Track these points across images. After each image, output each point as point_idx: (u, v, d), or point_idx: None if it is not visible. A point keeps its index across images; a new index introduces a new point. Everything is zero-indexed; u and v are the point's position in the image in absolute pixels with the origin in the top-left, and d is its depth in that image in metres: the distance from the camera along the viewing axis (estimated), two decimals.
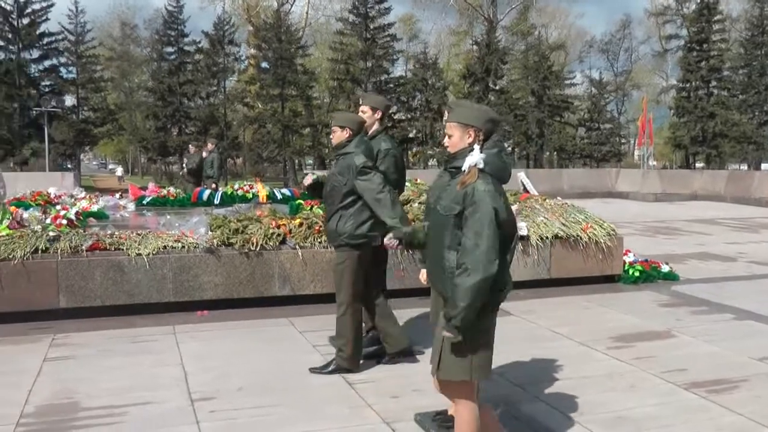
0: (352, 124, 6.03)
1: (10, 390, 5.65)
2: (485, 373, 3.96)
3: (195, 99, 55.53)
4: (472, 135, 3.86)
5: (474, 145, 3.82)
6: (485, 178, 3.72)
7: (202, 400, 5.35)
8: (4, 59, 51.86)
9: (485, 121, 3.87)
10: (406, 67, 64.21)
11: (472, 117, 3.88)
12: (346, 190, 5.89)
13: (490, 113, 3.96)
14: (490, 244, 3.61)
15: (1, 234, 8.05)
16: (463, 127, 3.87)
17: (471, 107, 4.01)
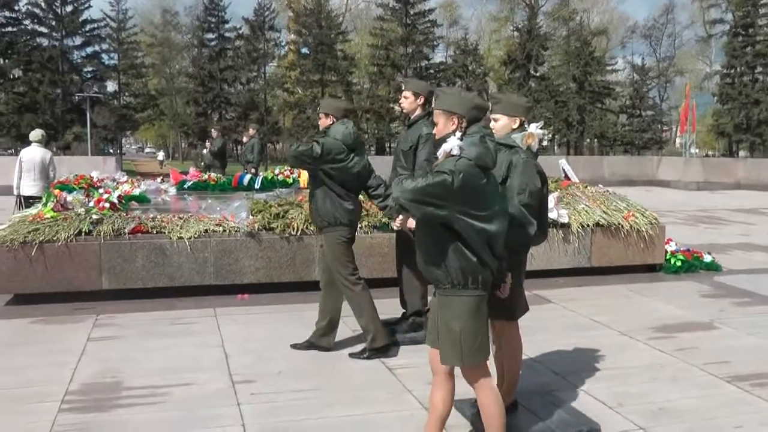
0: (336, 111, 6.15)
1: (55, 368, 5.76)
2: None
3: (235, 85, 55.89)
4: (455, 122, 3.93)
5: (456, 132, 3.89)
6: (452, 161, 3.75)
7: (243, 382, 5.40)
8: (48, 46, 52.63)
9: (469, 108, 3.93)
10: (447, 53, 63.93)
11: (456, 104, 3.95)
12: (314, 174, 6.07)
13: (475, 101, 4.00)
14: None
15: (45, 216, 8.19)
16: (447, 114, 3.95)
17: (455, 94, 4.05)
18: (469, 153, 3.76)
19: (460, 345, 3.85)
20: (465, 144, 3.80)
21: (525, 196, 4.36)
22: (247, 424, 4.64)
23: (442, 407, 4.00)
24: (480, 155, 3.77)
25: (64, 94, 52.44)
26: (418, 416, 4.76)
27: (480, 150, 3.78)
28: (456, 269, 3.79)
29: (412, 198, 3.69)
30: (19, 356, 6.13)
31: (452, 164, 3.70)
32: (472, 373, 3.99)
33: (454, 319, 3.85)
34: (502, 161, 4.47)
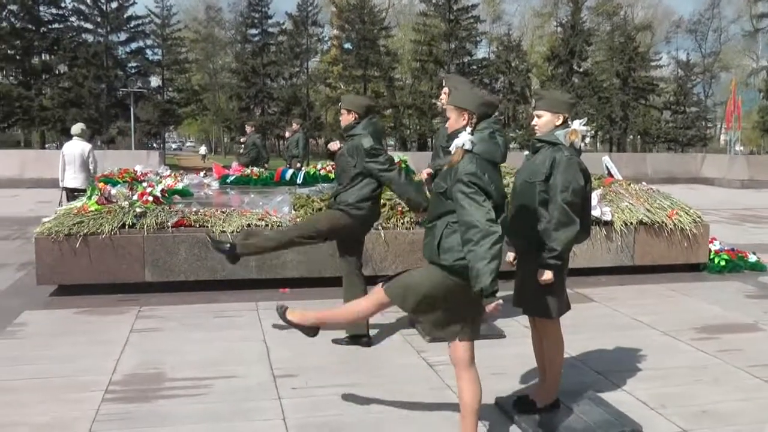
0: (359, 108, 6.16)
1: (99, 358, 5.85)
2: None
3: (278, 80, 56.28)
4: (465, 117, 4.07)
5: (466, 127, 4.02)
6: (470, 158, 3.89)
7: (284, 376, 5.43)
8: (93, 42, 53.44)
9: (478, 105, 4.08)
10: (489, 49, 63.66)
11: (466, 101, 4.10)
12: (356, 171, 6.04)
13: (485, 97, 4.14)
14: None
15: (90, 209, 8.30)
16: (459, 110, 4.10)
17: (466, 91, 4.21)
18: (479, 148, 3.91)
19: (416, 299, 4.00)
20: (476, 139, 3.94)
21: (568, 194, 4.35)
22: (288, 418, 4.67)
23: (472, 401, 4.05)
24: (489, 151, 3.94)
25: (109, 89, 53.21)
26: (458, 414, 4.75)
27: (489, 146, 3.96)
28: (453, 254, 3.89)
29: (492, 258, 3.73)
30: (64, 346, 6.23)
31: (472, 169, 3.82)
32: (383, 302, 4.15)
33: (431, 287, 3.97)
34: (545, 158, 4.46)
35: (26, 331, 6.74)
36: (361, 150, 5.98)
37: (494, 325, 6.78)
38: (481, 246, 3.70)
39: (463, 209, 3.79)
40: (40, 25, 54.14)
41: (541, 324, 4.69)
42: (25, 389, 5.20)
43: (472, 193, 3.77)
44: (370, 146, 5.96)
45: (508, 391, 5.02)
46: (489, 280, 3.71)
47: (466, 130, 3.99)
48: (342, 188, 6.14)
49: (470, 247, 3.73)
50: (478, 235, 3.71)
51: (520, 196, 4.60)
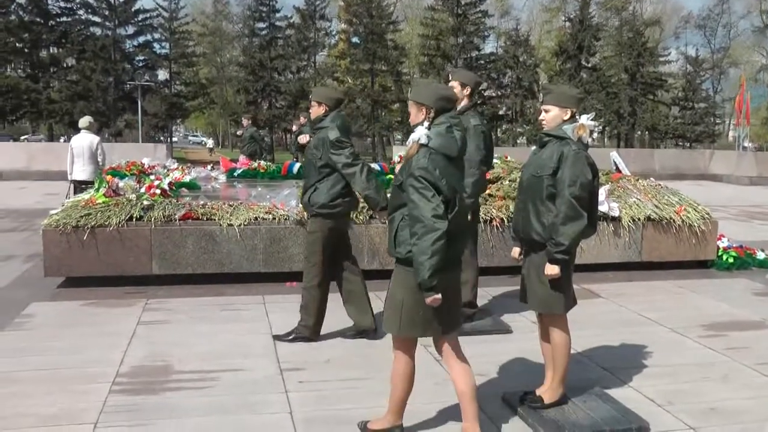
0: (328, 100, 6.14)
1: (106, 350, 5.88)
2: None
3: (285, 73, 56.18)
4: (424, 112, 4.09)
5: (424, 122, 4.06)
6: (425, 152, 3.95)
7: (291, 370, 5.44)
8: (101, 35, 53.48)
9: (436, 99, 4.08)
10: (497, 43, 63.40)
11: (424, 95, 4.11)
12: (321, 163, 6.02)
13: (443, 92, 4.16)
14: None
15: (97, 202, 8.32)
16: (418, 105, 4.12)
17: (425, 86, 4.24)
18: (434, 142, 3.96)
19: (400, 314, 4.05)
20: (432, 133, 3.99)
21: (576, 188, 4.34)
22: (295, 411, 4.68)
23: (468, 388, 4.14)
24: (444, 145, 3.97)
25: (116, 82, 53.21)
26: None
27: (444, 140, 3.99)
28: (406, 246, 3.94)
29: (433, 226, 3.80)
30: (71, 338, 6.25)
31: (424, 163, 3.88)
32: (399, 343, 4.21)
33: (399, 288, 4.06)
34: (552, 153, 4.46)
35: (33, 323, 6.76)
36: (327, 142, 5.97)
37: (501, 320, 6.78)
38: (424, 241, 3.80)
39: (412, 203, 3.88)
40: (48, 18, 54.16)
41: (547, 319, 4.68)
42: (32, 380, 5.22)
43: (422, 188, 3.85)
44: (335, 138, 5.94)
45: (515, 386, 5.01)
46: (428, 275, 3.80)
47: (424, 125, 4.05)
48: (311, 186, 6.12)
49: (415, 241, 3.84)
50: (423, 230, 3.81)
51: (527, 190, 4.60)
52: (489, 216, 8.68)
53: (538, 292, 4.57)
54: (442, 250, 3.81)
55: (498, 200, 8.99)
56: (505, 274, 8.28)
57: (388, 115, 54.49)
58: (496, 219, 8.73)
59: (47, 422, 4.52)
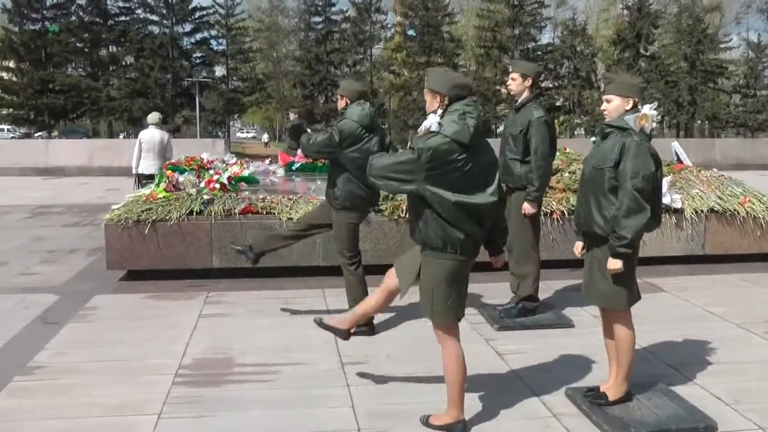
0: (350, 93, 6.27)
1: (168, 343, 5.97)
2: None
3: (342, 67, 56.39)
4: (438, 100, 4.16)
5: (438, 110, 4.13)
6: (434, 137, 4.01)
7: (351, 363, 5.44)
8: (159, 33, 54.40)
9: (450, 87, 4.14)
10: (554, 33, 62.67)
11: (439, 83, 4.18)
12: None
13: (457, 80, 4.21)
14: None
15: (158, 196, 8.44)
16: (432, 93, 4.20)
17: (439, 74, 4.26)
18: (446, 129, 4.01)
19: (431, 303, 4.17)
20: (445, 121, 4.05)
21: (638, 180, 4.25)
22: (356, 405, 4.68)
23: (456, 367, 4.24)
24: (457, 132, 3.99)
25: (174, 79, 54.07)
26: (528, 402, 4.72)
27: (457, 127, 4.01)
28: (433, 236, 4.08)
29: (378, 174, 4.15)
30: (134, 330, 6.37)
31: (423, 141, 3.99)
32: (440, 330, 4.26)
33: (430, 278, 4.18)
34: (614, 144, 4.38)
35: (97, 315, 6.89)
36: None
37: (563, 314, 6.70)
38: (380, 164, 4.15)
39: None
40: (107, 18, 55.27)
41: (611, 314, 4.59)
42: (98, 371, 5.33)
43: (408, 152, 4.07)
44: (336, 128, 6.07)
45: (578, 382, 4.94)
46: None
47: (437, 112, 4.11)
48: (332, 180, 6.23)
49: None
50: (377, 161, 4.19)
51: (588, 182, 4.52)
52: (549, 208, 8.58)
53: (601, 286, 4.49)
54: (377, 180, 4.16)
55: (558, 192, 8.88)
56: (567, 267, 8.17)
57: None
58: (556, 211, 8.62)
59: (113, 412, 4.61)
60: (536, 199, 6.30)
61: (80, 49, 55.45)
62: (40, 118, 55.05)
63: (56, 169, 25.11)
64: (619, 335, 4.54)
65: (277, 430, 4.35)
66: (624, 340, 4.54)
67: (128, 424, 4.44)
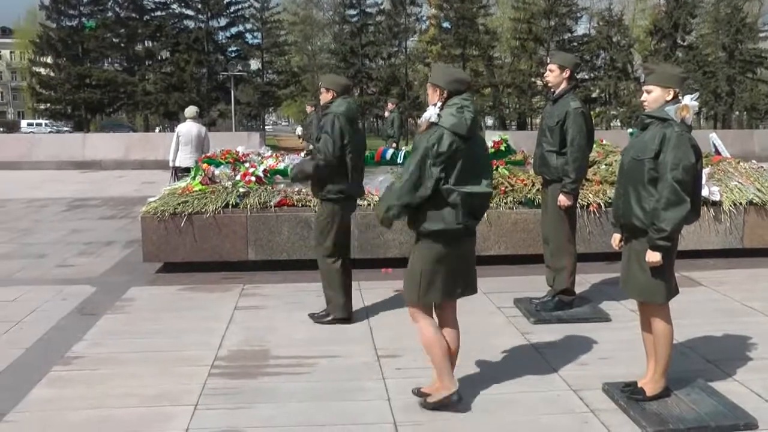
0: (336, 86, 6.26)
1: (205, 334, 6.01)
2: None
3: (376, 60, 56.51)
4: (438, 93, 4.37)
5: (437, 103, 4.34)
6: (436, 129, 4.24)
7: (387, 356, 5.43)
8: (194, 28, 54.89)
9: (449, 81, 4.36)
10: (590, 24, 62.08)
11: (439, 78, 4.39)
12: None
13: (455, 75, 4.43)
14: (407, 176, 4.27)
15: (194, 189, 8.49)
16: (433, 87, 4.42)
17: (439, 69, 4.52)
18: (445, 122, 4.24)
19: (419, 285, 4.38)
20: (444, 113, 4.28)
21: (679, 172, 4.18)
22: (392, 398, 4.68)
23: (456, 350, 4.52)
24: (454, 124, 4.23)
25: (210, 73, 54.49)
26: (565, 398, 4.68)
27: (455, 119, 4.23)
28: (429, 221, 4.29)
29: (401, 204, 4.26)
30: (171, 321, 6.44)
31: (426, 139, 4.22)
32: (417, 311, 4.49)
33: (418, 262, 4.40)
34: (654, 135, 4.31)
35: (134, 306, 6.97)
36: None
37: (599, 308, 6.64)
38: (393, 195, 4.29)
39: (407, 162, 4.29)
40: (143, 13, 55.84)
41: (649, 308, 4.53)
42: (134, 362, 5.39)
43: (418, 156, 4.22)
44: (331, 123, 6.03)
45: (616, 377, 4.88)
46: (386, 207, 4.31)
47: (436, 105, 4.32)
48: None
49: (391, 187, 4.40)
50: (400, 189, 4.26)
51: (627, 174, 4.46)
52: (586, 201, 8.49)
53: (639, 279, 4.44)
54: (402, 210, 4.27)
55: (595, 185, 8.79)
56: (603, 260, 8.10)
57: (479, 100, 54.11)
58: (593, 204, 8.54)
59: (151, 402, 4.65)
60: (572, 191, 6.25)
61: (116, 45, 56.11)
62: (77, 112, 55.77)
63: (93, 162, 25.37)
64: (657, 329, 4.49)
65: (313, 422, 4.35)
66: (662, 334, 4.48)
67: (165, 414, 4.47)
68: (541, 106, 51.32)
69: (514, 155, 11.13)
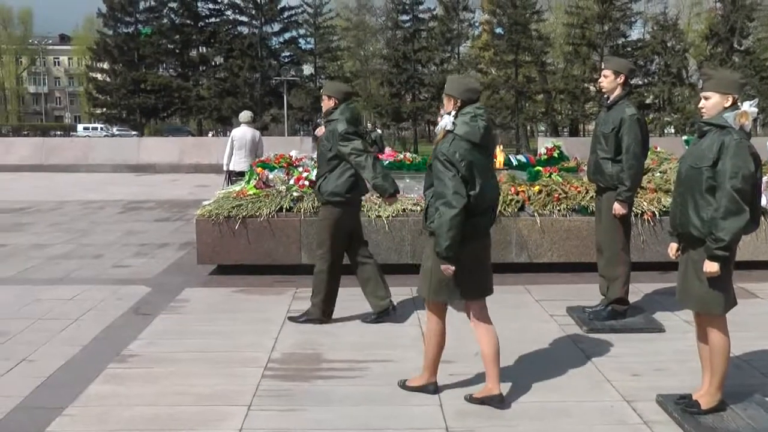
0: (338, 94, 6.41)
1: (258, 336, 6.08)
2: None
3: (429, 65, 56.61)
4: (452, 103, 4.64)
5: (451, 111, 4.61)
6: (450, 138, 4.51)
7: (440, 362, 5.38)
8: (248, 33, 55.58)
9: (462, 91, 4.63)
10: (644, 29, 61.32)
11: (453, 89, 4.67)
12: (331, 155, 6.27)
13: (468, 85, 4.72)
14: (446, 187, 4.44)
15: (248, 193, 8.58)
16: (448, 97, 4.69)
17: (454, 80, 4.78)
18: (459, 129, 4.50)
19: (429, 281, 4.62)
20: (458, 122, 4.52)
21: (738, 180, 4.11)
22: (445, 404, 4.67)
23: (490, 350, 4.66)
24: (467, 132, 4.49)
25: (263, 78, 55.08)
26: (618, 408, 4.62)
27: (468, 128, 4.50)
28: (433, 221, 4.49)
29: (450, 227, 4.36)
30: (225, 323, 6.52)
31: (446, 148, 4.45)
32: (430, 307, 4.76)
33: (429, 257, 4.64)
34: (712, 143, 4.25)
35: (188, 308, 7.07)
36: (336, 134, 6.16)
37: (653, 318, 6.54)
38: (444, 215, 4.35)
39: (437, 180, 4.47)
40: (197, 19, 56.74)
41: (706, 320, 4.45)
42: (189, 361, 5.48)
43: (443, 169, 4.43)
44: (343, 130, 6.14)
45: (670, 389, 4.80)
46: (445, 245, 4.36)
47: (451, 114, 4.59)
48: (321, 176, 6.39)
49: (437, 215, 4.42)
50: (443, 206, 4.37)
51: (685, 182, 4.39)
52: (640, 209, 8.38)
53: (696, 290, 4.36)
54: (458, 224, 4.35)
55: (649, 193, 8.67)
56: (657, 270, 7.99)
57: (532, 106, 53.82)
58: (647, 212, 8.42)
59: (205, 402, 4.72)
60: (627, 199, 6.18)
61: (171, 51, 57.11)
62: (132, 117, 56.79)
63: (147, 165, 25.80)
64: (714, 341, 4.41)
65: (366, 426, 4.37)
66: (719, 346, 4.40)
67: (219, 413, 4.53)
68: (594, 112, 50.81)
69: (567, 162, 11.04)
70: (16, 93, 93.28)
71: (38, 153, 26.56)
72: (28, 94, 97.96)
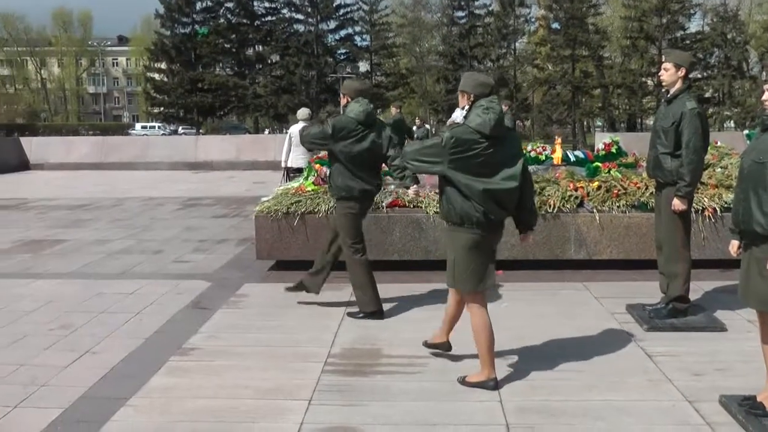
0: (350, 91, 6.70)
1: (318, 331, 6.15)
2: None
3: (485, 61, 56.40)
4: (465, 98, 4.88)
5: (465, 105, 4.87)
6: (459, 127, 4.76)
7: (500, 358, 5.30)
8: (304, 31, 56.01)
9: (474, 86, 4.85)
10: (704, 21, 60.08)
11: (466, 84, 4.89)
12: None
13: (480, 79, 4.91)
14: None
15: (307, 189, 8.65)
16: (461, 93, 4.94)
17: (468, 77, 4.97)
18: (470, 121, 4.71)
19: (453, 271, 4.89)
20: (470, 114, 4.76)
21: None
22: (505, 400, 4.66)
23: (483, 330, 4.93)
24: (479, 124, 4.67)
25: (319, 75, 55.41)
26: (680, 407, 4.55)
27: (480, 119, 4.68)
28: (452, 212, 4.79)
29: (410, 158, 4.92)
30: (284, 318, 6.60)
31: (449, 130, 4.74)
32: (467, 298, 4.99)
33: (452, 249, 4.92)
34: None
35: (248, 302, 7.19)
36: None
37: (714, 317, 6.42)
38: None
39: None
40: (254, 18, 57.33)
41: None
42: (249, 355, 5.56)
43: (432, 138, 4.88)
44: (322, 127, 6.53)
45: (733, 389, 4.71)
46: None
47: (463, 108, 4.88)
48: (331, 173, 6.68)
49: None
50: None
51: (748, 177, 4.29)
52: (701, 205, 8.24)
53: (760, 288, 4.26)
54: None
55: (710, 188, 8.51)
56: (718, 267, 7.86)
57: (589, 101, 53.22)
58: (708, 208, 8.28)
59: (265, 395, 4.79)
60: (687, 195, 6.07)
61: (228, 50, 57.79)
62: (189, 116, 57.59)
63: (204, 163, 26.19)
64: None
65: (426, 421, 4.39)
66: None
67: (280, 407, 4.59)
68: (652, 106, 50.08)
69: (625, 157, 10.90)
70: (76, 93, 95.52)
71: (98, 151, 27.16)
72: (87, 95, 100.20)
